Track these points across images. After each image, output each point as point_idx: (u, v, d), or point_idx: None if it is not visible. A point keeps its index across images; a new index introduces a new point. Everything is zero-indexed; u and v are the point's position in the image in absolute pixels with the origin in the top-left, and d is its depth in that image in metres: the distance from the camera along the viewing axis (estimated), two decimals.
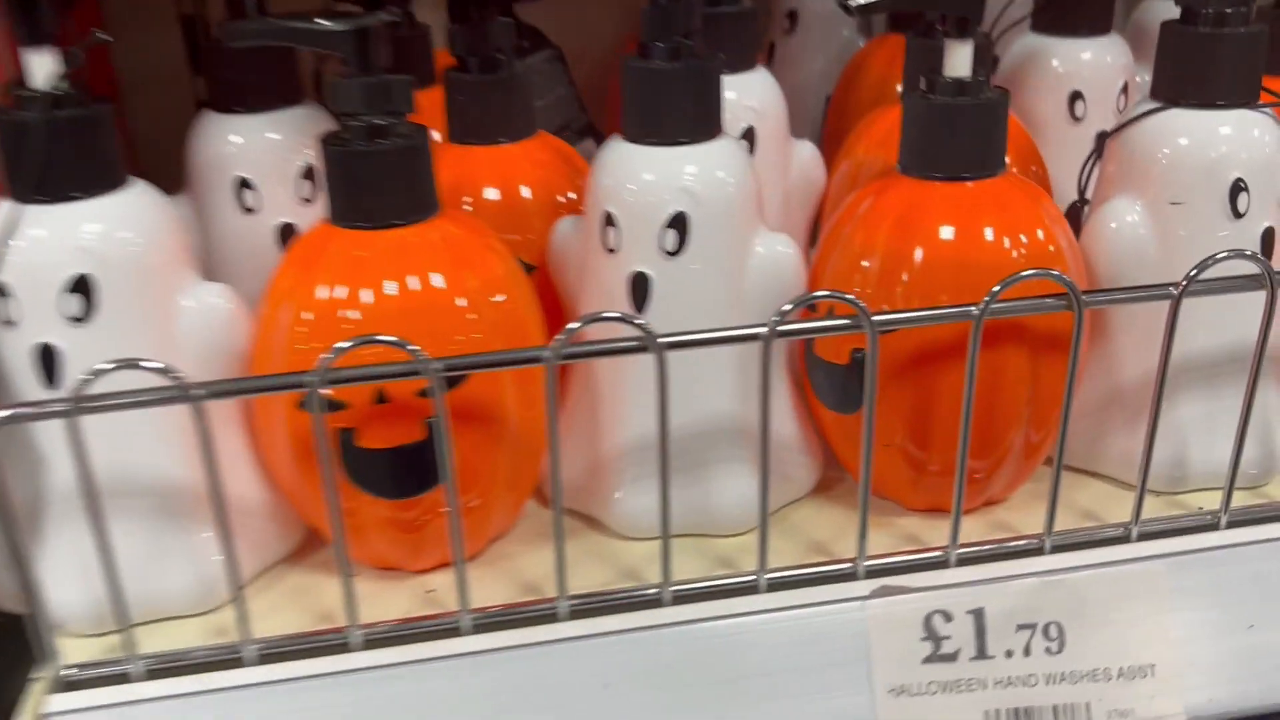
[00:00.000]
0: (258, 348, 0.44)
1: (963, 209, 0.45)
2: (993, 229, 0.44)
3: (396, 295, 0.41)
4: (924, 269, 0.44)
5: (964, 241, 0.44)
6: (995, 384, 0.45)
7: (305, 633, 0.42)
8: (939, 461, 0.47)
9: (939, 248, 0.44)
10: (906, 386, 0.45)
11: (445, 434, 0.39)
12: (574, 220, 0.49)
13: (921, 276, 0.44)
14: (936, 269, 0.44)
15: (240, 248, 0.52)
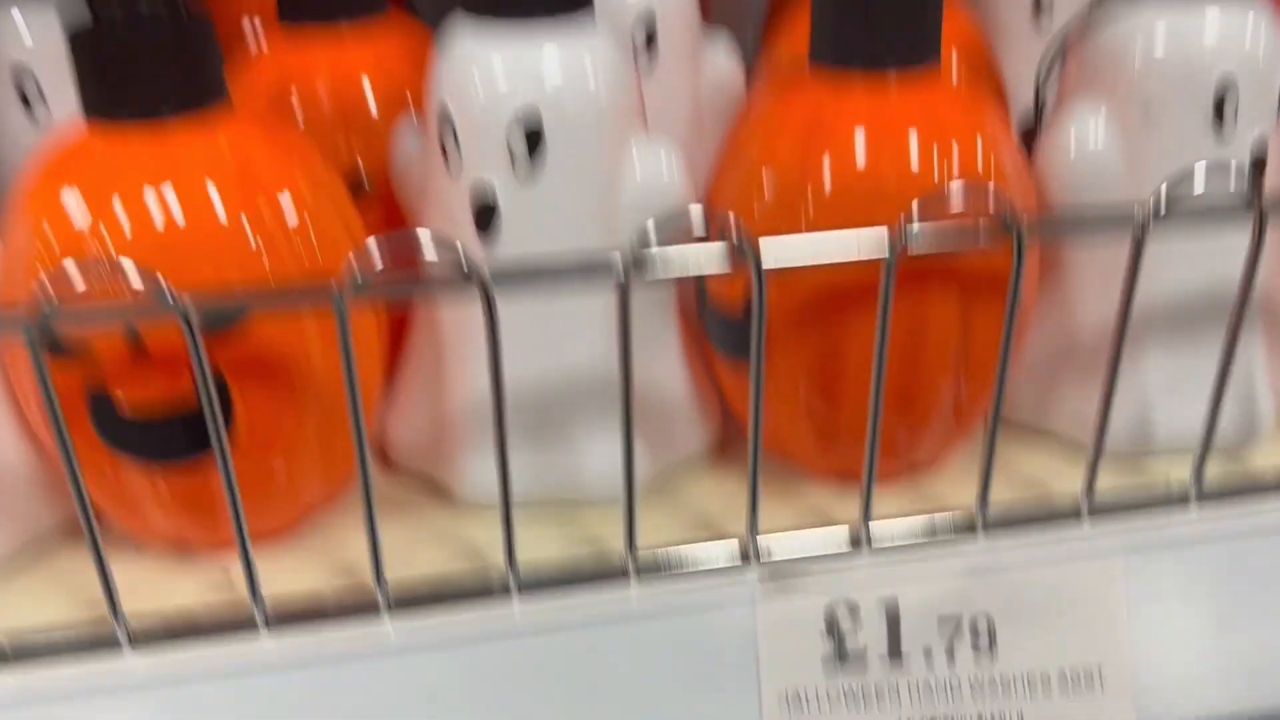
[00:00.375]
0: (1, 273, 0.35)
1: (882, 111, 0.36)
2: (918, 136, 0.35)
3: (159, 214, 0.32)
4: (833, 188, 0.36)
5: (881, 153, 0.35)
6: (918, 328, 0.37)
7: (56, 624, 0.35)
8: (851, 420, 0.39)
9: (848, 162, 0.35)
10: (810, 330, 0.37)
11: (207, 386, 0.30)
12: (416, 121, 0.40)
13: (830, 198, 0.36)
14: (847, 189, 0.36)
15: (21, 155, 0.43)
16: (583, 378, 0.38)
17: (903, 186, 0.35)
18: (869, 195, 0.35)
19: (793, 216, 0.36)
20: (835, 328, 0.37)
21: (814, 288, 0.36)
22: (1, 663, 0.33)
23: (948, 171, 0.35)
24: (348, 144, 0.42)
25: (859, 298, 0.36)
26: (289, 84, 0.42)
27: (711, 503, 0.40)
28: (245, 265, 0.33)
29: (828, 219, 0.35)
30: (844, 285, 0.36)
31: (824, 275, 0.36)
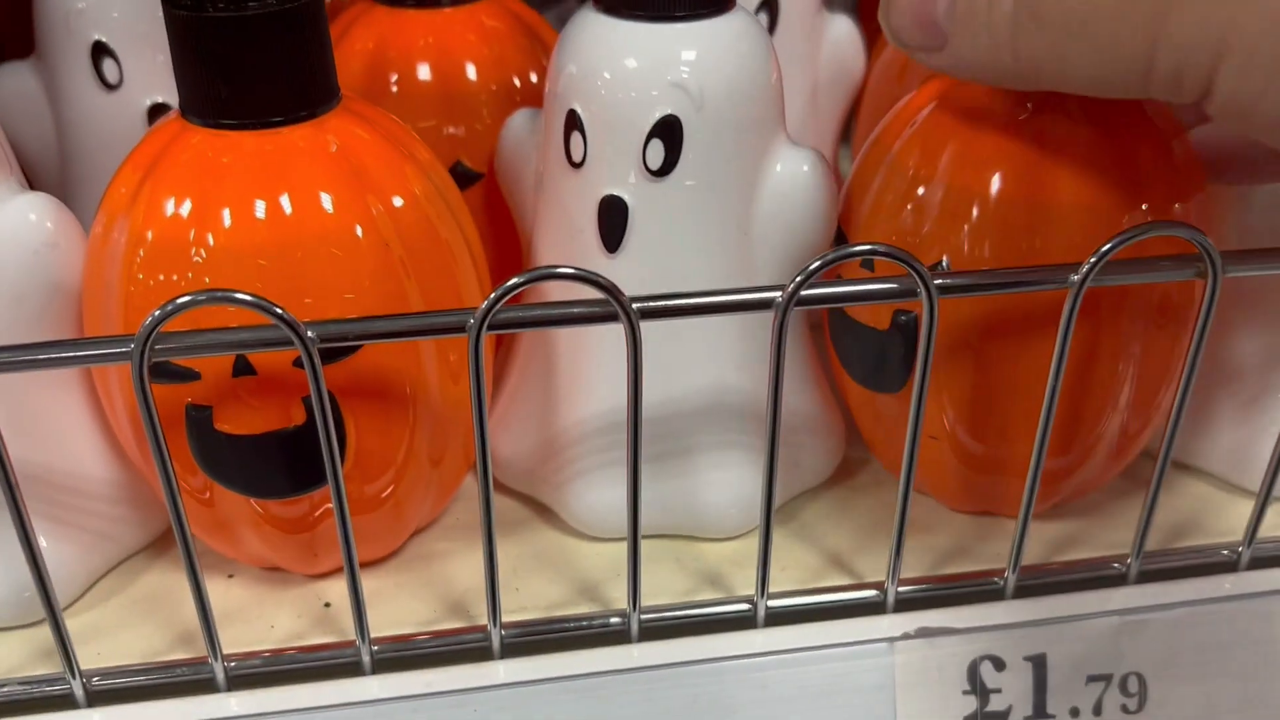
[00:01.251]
0: (88, 276, 0.32)
1: (1068, 125, 0.32)
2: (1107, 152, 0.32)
3: (267, 221, 0.29)
4: (999, 203, 0.32)
5: (1051, 176, 0.32)
6: (1083, 361, 0.33)
7: (152, 664, 0.32)
8: (1000, 456, 0.36)
9: (1018, 179, 0.32)
10: (962, 362, 0.34)
11: (327, 420, 0.28)
12: (532, 115, 0.37)
13: (996, 213, 0.32)
14: (1014, 204, 0.32)
15: (99, 135, 0.40)
16: (708, 403, 0.35)
17: (1079, 216, 0.32)
18: (1032, 214, 0.32)
19: (952, 240, 0.33)
20: (992, 355, 0.34)
21: (970, 315, 0.33)
22: (95, 703, 0.31)
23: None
24: (452, 131, 0.39)
25: (1020, 324, 0.33)
26: (390, 66, 0.39)
27: (839, 537, 0.37)
28: (359, 271, 0.30)
29: (991, 245, 0.32)
30: (1005, 311, 0.33)
31: (979, 304, 0.33)
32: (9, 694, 0.31)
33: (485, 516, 0.30)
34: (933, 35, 0.29)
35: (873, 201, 0.35)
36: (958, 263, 0.32)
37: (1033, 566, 0.35)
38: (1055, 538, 0.38)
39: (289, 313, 0.26)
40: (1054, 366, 0.30)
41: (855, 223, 0.35)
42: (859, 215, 0.35)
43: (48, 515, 0.34)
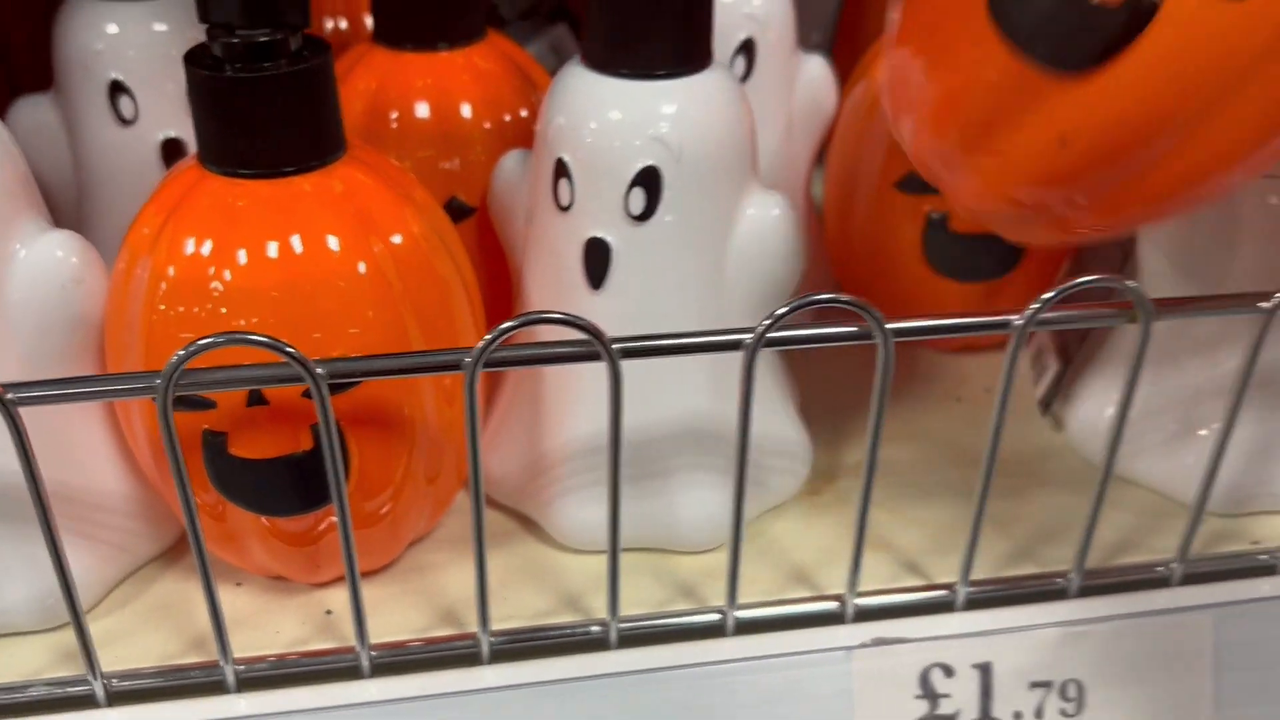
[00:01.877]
0: (110, 311, 0.35)
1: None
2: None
3: (279, 260, 0.32)
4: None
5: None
6: None
7: (167, 667, 0.35)
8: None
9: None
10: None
11: (334, 447, 0.30)
12: (523, 155, 0.40)
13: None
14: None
15: (115, 168, 0.42)
16: (682, 428, 0.38)
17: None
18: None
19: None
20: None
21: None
22: (115, 703, 0.34)
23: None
24: (447, 166, 0.42)
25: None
26: (389, 105, 0.41)
27: (804, 552, 0.40)
28: (363, 306, 0.33)
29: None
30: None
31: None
32: (34, 695, 0.34)
33: (477, 531, 0.32)
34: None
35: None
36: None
37: (981, 580, 0.38)
38: (1005, 552, 0.40)
39: (299, 351, 0.29)
40: (998, 406, 0.33)
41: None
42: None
43: (68, 528, 0.36)
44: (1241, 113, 0.26)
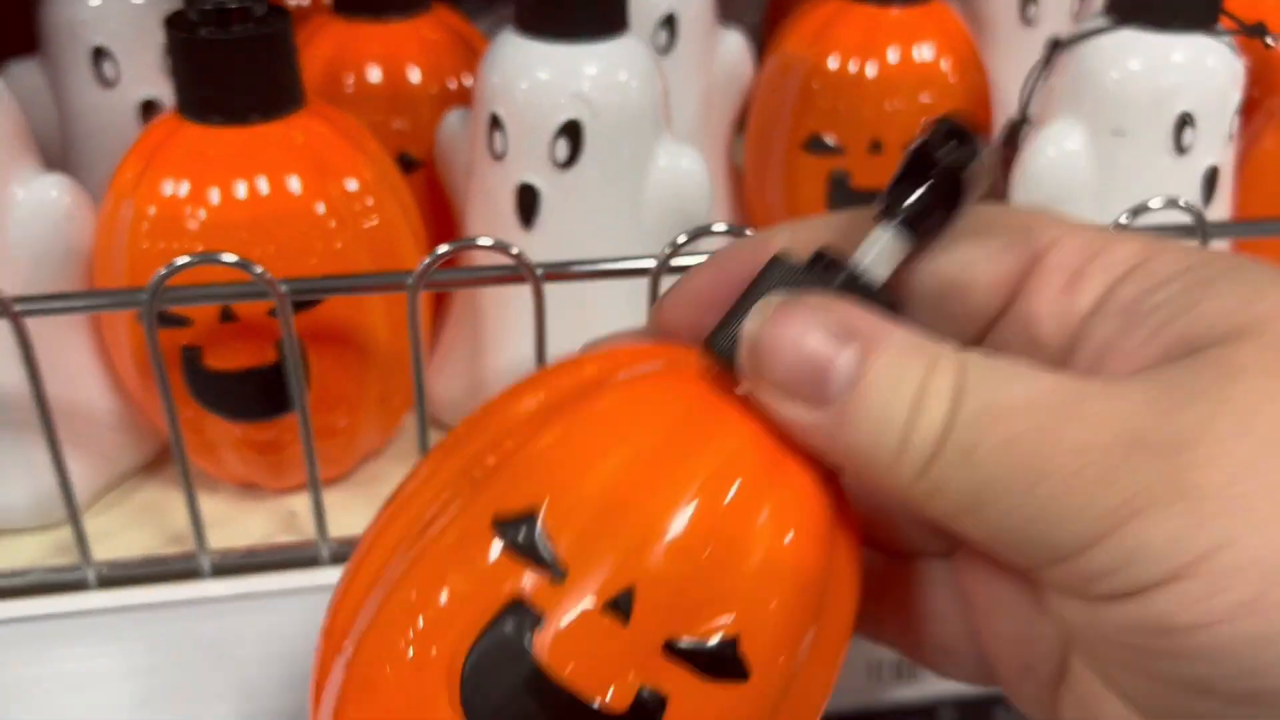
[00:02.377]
0: (98, 245, 0.40)
1: None
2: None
3: (247, 200, 0.37)
4: None
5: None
6: None
7: (152, 556, 0.40)
8: None
9: None
10: None
11: (296, 358, 0.35)
12: (464, 114, 0.45)
13: None
14: None
15: (97, 126, 0.47)
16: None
17: None
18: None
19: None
20: None
21: None
22: (104, 586, 0.39)
23: None
24: (398, 125, 0.47)
25: None
26: (346, 70, 0.46)
27: None
28: (321, 239, 0.38)
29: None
30: None
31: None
32: (33, 580, 0.39)
33: (422, 445, 0.38)
34: (816, 388, 0.21)
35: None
36: None
37: None
38: None
39: (267, 272, 0.34)
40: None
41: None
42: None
43: (61, 439, 0.41)
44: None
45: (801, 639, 0.22)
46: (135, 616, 0.39)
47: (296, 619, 0.39)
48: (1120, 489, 0.19)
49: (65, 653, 0.38)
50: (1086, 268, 0.23)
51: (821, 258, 0.24)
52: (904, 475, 0.21)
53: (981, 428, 0.20)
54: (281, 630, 0.39)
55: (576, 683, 0.21)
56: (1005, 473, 0.20)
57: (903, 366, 0.21)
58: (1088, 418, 0.20)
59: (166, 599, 0.39)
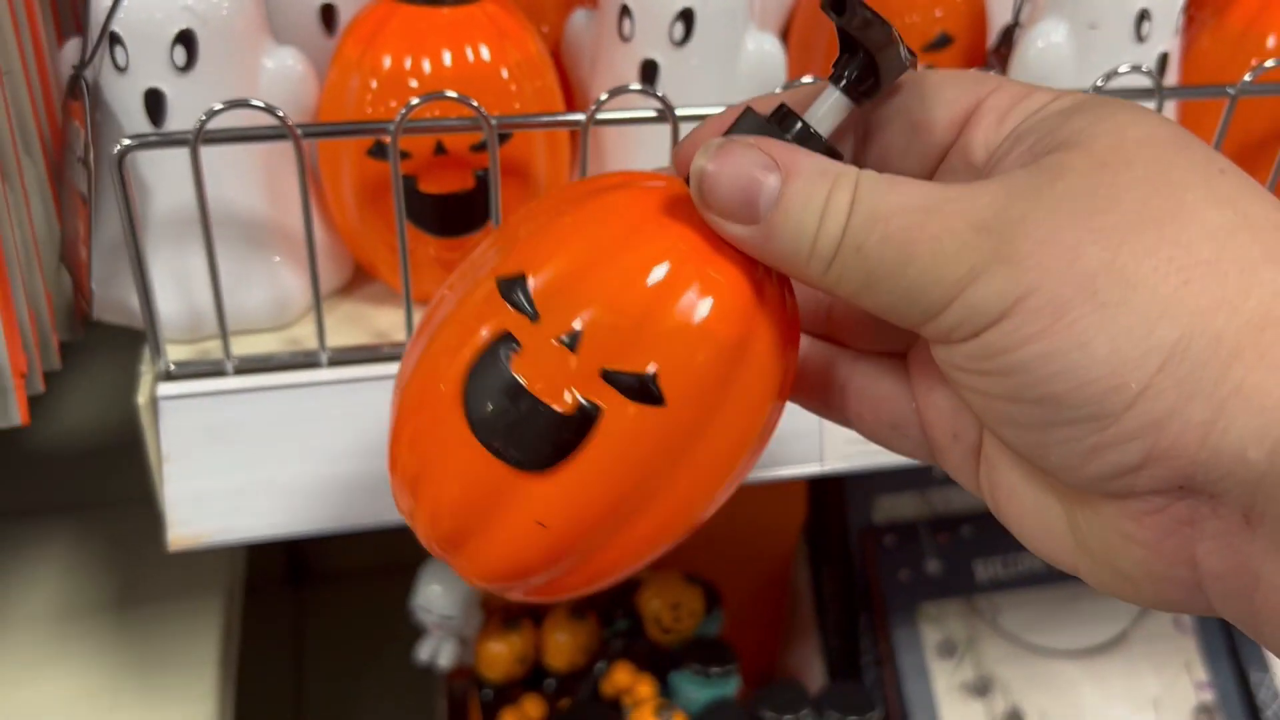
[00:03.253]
0: (324, 106, 0.51)
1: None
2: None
3: (451, 65, 0.49)
4: None
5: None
6: None
7: (366, 344, 0.51)
8: None
9: None
10: None
11: (497, 177, 0.47)
12: (588, 13, 0.57)
13: None
14: None
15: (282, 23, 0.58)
16: None
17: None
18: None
19: None
20: None
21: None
22: (329, 365, 0.50)
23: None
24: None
25: None
26: None
27: None
28: (505, 97, 0.50)
29: None
30: None
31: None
32: (280, 360, 0.50)
33: None
34: (747, 212, 0.28)
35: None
36: None
37: None
38: None
39: (482, 107, 0.46)
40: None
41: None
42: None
43: (289, 255, 0.52)
44: (678, 488, 0.31)
45: (715, 388, 0.30)
46: (354, 387, 0.50)
47: None
48: (964, 262, 0.26)
49: (301, 407, 0.49)
50: (1011, 109, 0.30)
51: (781, 110, 0.31)
52: (815, 270, 0.28)
53: (868, 229, 0.27)
54: None
55: (540, 392, 0.29)
56: (886, 260, 0.27)
57: (812, 186, 0.28)
58: (947, 213, 0.27)
59: (378, 374, 0.50)
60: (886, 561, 0.94)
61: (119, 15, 0.47)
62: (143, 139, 0.44)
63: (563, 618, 0.83)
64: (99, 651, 0.66)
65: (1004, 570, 0.96)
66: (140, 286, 0.46)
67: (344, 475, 0.50)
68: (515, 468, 0.30)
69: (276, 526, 0.49)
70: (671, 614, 0.80)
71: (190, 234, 0.50)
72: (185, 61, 0.47)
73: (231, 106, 0.44)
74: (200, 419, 0.48)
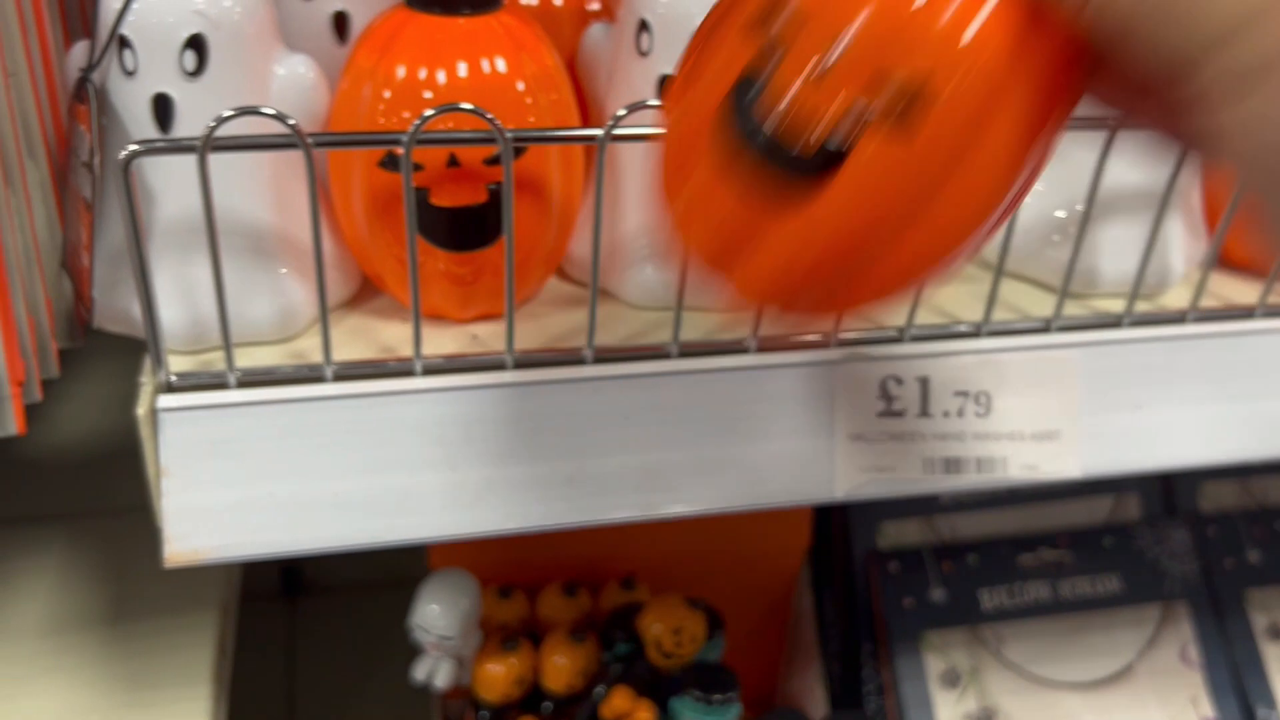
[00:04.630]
0: (335, 115, 0.50)
1: None
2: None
3: (466, 77, 0.48)
4: None
5: None
6: None
7: (372, 359, 0.50)
8: None
9: None
10: None
11: (510, 193, 0.46)
12: (605, 26, 0.56)
13: None
14: None
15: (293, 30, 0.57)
16: None
17: None
18: None
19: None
20: None
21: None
22: (335, 380, 0.49)
23: None
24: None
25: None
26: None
27: None
28: (520, 110, 0.49)
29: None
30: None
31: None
32: (284, 373, 0.49)
33: (595, 265, 0.49)
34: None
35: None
36: None
37: (921, 324, 0.55)
38: (929, 310, 0.58)
39: (497, 120, 0.45)
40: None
41: None
42: None
43: (291, 266, 0.51)
44: (932, 223, 0.31)
45: (978, 117, 0.29)
46: (359, 403, 0.49)
47: (488, 408, 0.50)
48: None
49: (304, 422, 0.48)
50: None
51: None
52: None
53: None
54: (479, 415, 0.50)
55: (789, 122, 0.30)
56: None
57: None
58: None
59: (385, 389, 0.49)
60: (890, 588, 0.92)
61: (129, 18, 0.46)
62: (150, 145, 0.43)
63: (562, 640, 0.82)
64: (91, 665, 0.65)
65: (1009, 600, 0.95)
66: (143, 296, 0.45)
67: (347, 493, 0.49)
68: (783, 178, 0.30)
69: (276, 545, 0.48)
70: (673, 638, 0.79)
71: (195, 242, 0.49)
72: (195, 66, 0.46)
73: (242, 113, 0.43)
74: (201, 432, 0.47)
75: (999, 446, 0.55)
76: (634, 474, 0.52)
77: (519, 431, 0.50)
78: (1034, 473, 0.56)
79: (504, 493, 0.51)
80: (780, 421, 0.53)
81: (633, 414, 0.51)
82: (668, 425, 0.52)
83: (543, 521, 0.51)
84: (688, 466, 0.52)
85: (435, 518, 0.50)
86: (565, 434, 0.50)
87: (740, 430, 0.52)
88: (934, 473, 0.54)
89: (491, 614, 0.83)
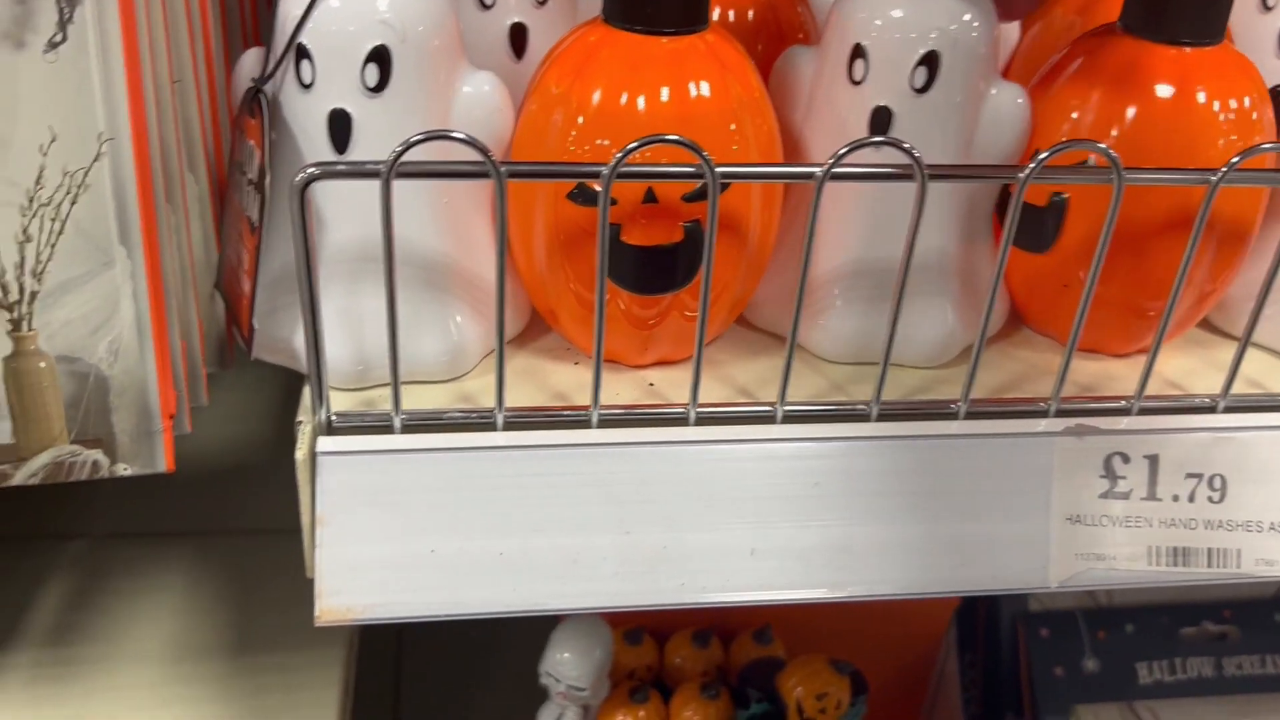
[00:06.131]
0: (519, 140, 0.46)
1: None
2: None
3: (669, 102, 0.43)
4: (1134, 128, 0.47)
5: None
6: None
7: (546, 407, 0.46)
8: (1124, 308, 0.50)
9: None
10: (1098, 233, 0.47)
11: (713, 232, 0.41)
12: (805, 50, 0.51)
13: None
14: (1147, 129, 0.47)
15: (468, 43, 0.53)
16: (921, 261, 0.49)
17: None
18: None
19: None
20: (1134, 236, 0.48)
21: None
22: (509, 428, 0.45)
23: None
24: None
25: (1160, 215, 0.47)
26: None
27: (1015, 370, 0.52)
28: (724, 138, 0.44)
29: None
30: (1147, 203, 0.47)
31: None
32: (452, 418, 0.45)
33: (798, 307, 0.43)
34: None
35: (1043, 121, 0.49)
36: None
37: (1151, 395, 0.49)
38: (1157, 381, 0.52)
39: (707, 153, 0.40)
40: (1189, 249, 0.44)
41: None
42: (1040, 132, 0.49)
43: (467, 301, 0.47)
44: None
45: None
46: (531, 454, 0.45)
47: (666, 468, 0.45)
48: None
49: (475, 471, 0.44)
50: None
51: None
52: None
53: None
54: (656, 475, 0.45)
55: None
56: None
57: None
58: None
59: (558, 441, 0.45)
60: (1040, 655, 0.86)
61: (308, 25, 0.42)
62: (329, 167, 0.39)
63: (693, 695, 0.77)
64: (213, 701, 0.62)
65: (1170, 675, 0.88)
66: (309, 329, 0.41)
67: (512, 553, 0.44)
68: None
69: (435, 607, 0.44)
70: (816, 704, 0.73)
71: (363, 272, 0.45)
72: (377, 81, 0.42)
73: (431, 138, 0.39)
74: (362, 480, 0.43)
75: (1233, 538, 0.49)
76: (820, 550, 0.46)
77: (698, 495, 0.45)
78: (1271, 569, 0.49)
79: (678, 561, 0.46)
80: (989, 498, 0.47)
81: (823, 481, 0.46)
82: (860, 496, 0.46)
83: (720, 595, 0.46)
84: (879, 543, 0.47)
85: (605, 585, 0.45)
86: (746, 500, 0.45)
87: (943, 505, 0.47)
88: (1159, 563, 0.48)
89: (619, 660, 0.79)
